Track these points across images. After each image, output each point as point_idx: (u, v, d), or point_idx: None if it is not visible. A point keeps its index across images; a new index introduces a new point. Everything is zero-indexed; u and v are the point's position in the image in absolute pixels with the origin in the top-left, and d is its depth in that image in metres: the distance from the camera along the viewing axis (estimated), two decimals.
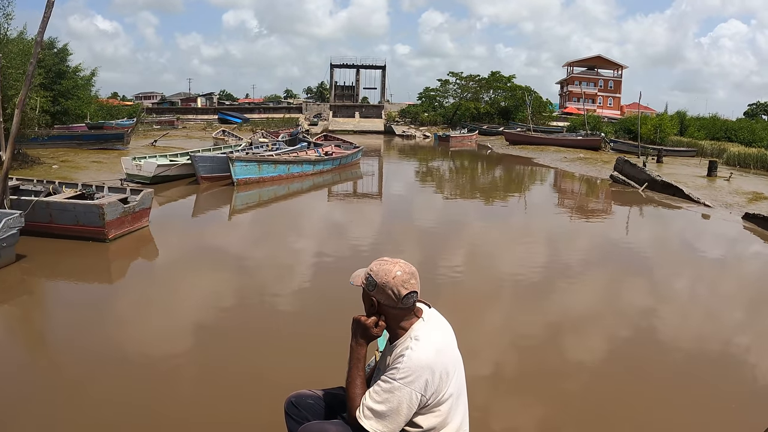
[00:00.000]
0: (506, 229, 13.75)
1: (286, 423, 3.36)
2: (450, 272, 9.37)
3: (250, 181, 18.49)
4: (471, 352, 4.90)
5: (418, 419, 2.96)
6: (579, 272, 9.85)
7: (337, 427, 3.02)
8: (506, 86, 69.37)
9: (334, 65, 78.87)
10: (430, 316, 3.15)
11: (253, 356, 5.96)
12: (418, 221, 14.38)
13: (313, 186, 20.25)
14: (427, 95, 74.60)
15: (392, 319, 3.07)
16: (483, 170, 30.35)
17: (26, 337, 6.70)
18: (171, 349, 6.06)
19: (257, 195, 17.48)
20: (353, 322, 3.12)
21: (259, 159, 19.28)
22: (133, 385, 5.16)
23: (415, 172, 28.44)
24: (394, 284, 2.96)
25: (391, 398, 2.86)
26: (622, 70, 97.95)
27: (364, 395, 2.98)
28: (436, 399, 2.93)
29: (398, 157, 38.53)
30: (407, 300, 2.98)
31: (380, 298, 3.01)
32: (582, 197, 20.75)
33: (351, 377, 3.06)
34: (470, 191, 21.25)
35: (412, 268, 3.06)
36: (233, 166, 17.92)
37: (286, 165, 20.09)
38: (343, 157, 24.52)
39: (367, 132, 62.82)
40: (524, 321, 7.31)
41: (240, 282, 8.69)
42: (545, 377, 5.63)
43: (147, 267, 9.67)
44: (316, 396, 3.41)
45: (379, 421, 2.88)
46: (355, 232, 12.81)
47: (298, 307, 7.62)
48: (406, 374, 2.85)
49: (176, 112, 74.07)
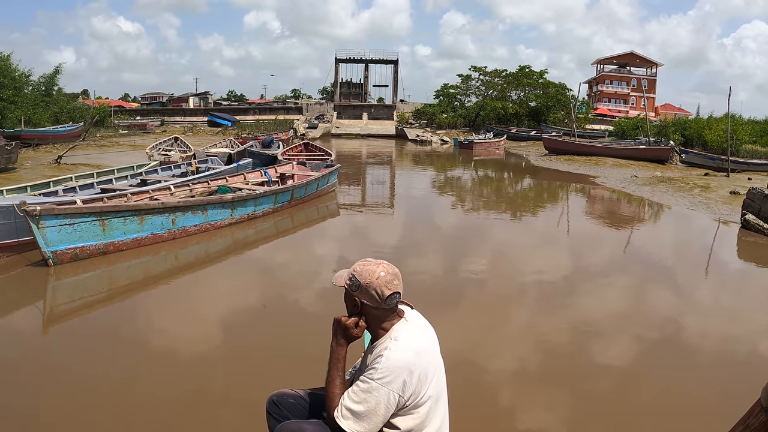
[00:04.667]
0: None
1: (267, 422, 3.38)
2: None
3: (86, 253, 9.60)
4: (495, 353, 6.20)
5: (396, 420, 2.97)
6: None
7: (315, 426, 3.06)
8: (537, 83, 60.22)
9: (340, 59, 71.14)
10: (412, 318, 3.16)
11: (235, 356, 6.14)
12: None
13: (232, 247, 11.44)
14: (445, 93, 65.47)
15: (374, 320, 3.07)
16: (528, 196, 21.36)
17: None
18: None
19: (104, 281, 9.30)
20: (334, 323, 3.14)
21: (100, 209, 9.77)
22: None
23: (433, 201, 19.37)
24: (377, 285, 2.98)
25: (369, 398, 2.86)
26: (656, 67, 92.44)
27: (343, 395, 2.96)
28: (414, 401, 2.94)
29: (411, 169, 31.36)
30: (390, 301, 3.01)
31: (363, 298, 3.02)
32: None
33: (330, 377, 3.06)
34: (542, 256, 11.92)
35: (395, 269, 3.08)
36: (38, 228, 8.98)
37: (166, 215, 10.63)
38: (304, 185, 14.94)
39: (376, 136, 57.16)
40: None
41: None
42: (569, 379, 5.70)
43: None
44: (298, 396, 3.43)
45: (356, 422, 2.88)
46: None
47: (281, 307, 7.97)
48: (384, 374, 2.86)
49: (164, 113, 69.75)
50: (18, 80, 35.93)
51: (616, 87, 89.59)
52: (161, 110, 73.14)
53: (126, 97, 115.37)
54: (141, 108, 77.64)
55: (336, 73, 71.73)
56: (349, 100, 70.73)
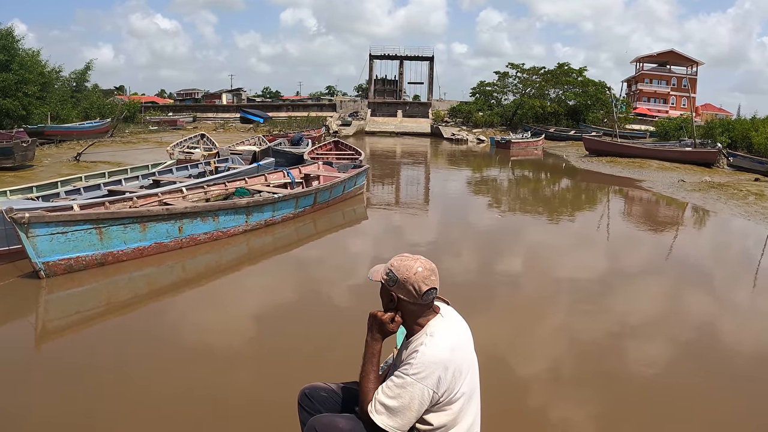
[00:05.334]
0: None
1: (299, 414, 3.38)
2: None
3: (81, 264, 8.64)
4: (527, 352, 6.11)
5: (429, 417, 2.95)
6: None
7: (348, 420, 3.05)
8: (576, 81, 58.53)
9: (374, 56, 69.72)
10: (448, 314, 3.15)
11: (267, 348, 6.29)
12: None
13: (246, 256, 10.46)
14: (481, 91, 63.96)
15: (410, 315, 3.07)
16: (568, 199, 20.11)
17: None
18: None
19: (102, 295, 8.39)
20: (369, 317, 3.14)
21: (96, 216, 8.76)
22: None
23: (469, 202, 18.36)
24: (415, 280, 2.97)
25: (403, 393, 2.86)
26: (697, 66, 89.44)
27: (376, 390, 2.96)
28: (448, 397, 2.92)
29: (446, 169, 29.65)
30: (427, 296, 2.99)
31: (400, 293, 3.01)
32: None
33: (365, 372, 3.06)
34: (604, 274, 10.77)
35: (433, 264, 3.07)
36: (27, 236, 8.04)
37: (172, 222, 9.61)
38: (329, 188, 13.79)
39: (411, 134, 55.73)
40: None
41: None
42: (601, 381, 5.66)
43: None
44: (330, 389, 3.42)
45: (390, 417, 2.88)
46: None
47: (316, 301, 7.96)
48: (418, 370, 2.85)
49: (196, 110, 70.18)
50: (47, 76, 35.58)
51: (656, 86, 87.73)
52: (193, 106, 73.12)
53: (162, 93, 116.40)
54: (173, 104, 77.40)
55: (370, 69, 70.44)
56: (384, 98, 69.39)
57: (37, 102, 32.48)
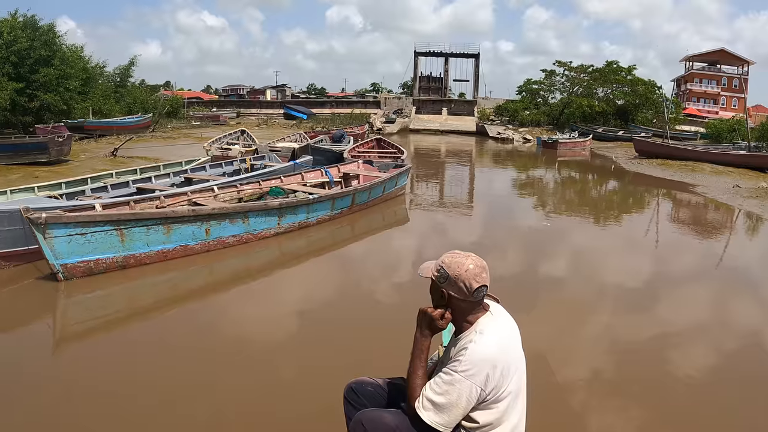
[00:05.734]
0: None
1: (344, 408, 3.39)
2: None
3: (101, 267, 8.15)
4: (569, 355, 6.01)
5: (475, 414, 2.96)
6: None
7: (394, 416, 3.06)
8: (626, 79, 57.02)
9: (419, 53, 69.29)
10: (497, 312, 3.16)
11: (315, 342, 6.24)
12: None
13: (278, 260, 9.93)
14: (528, 89, 62.76)
15: (459, 312, 3.06)
16: (616, 202, 19.18)
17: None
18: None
19: (123, 299, 7.89)
20: (419, 313, 3.14)
21: (117, 217, 8.25)
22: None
23: (514, 203, 17.55)
24: (466, 277, 2.97)
25: (451, 390, 2.86)
26: (748, 66, 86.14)
27: (424, 386, 2.98)
28: (495, 395, 2.92)
29: (491, 168, 29.36)
30: (478, 293, 2.99)
31: (451, 290, 3.01)
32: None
33: (413, 368, 3.06)
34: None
35: (484, 262, 3.07)
36: (45, 238, 7.60)
37: (198, 223, 9.04)
38: (368, 189, 13.13)
39: (456, 132, 55.00)
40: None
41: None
42: (643, 387, 5.48)
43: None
44: (376, 384, 3.43)
45: (437, 413, 2.89)
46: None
47: (354, 302, 7.84)
48: (467, 367, 2.85)
49: (240, 105, 70.04)
50: (90, 71, 35.78)
51: (706, 86, 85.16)
52: (237, 102, 73.25)
53: (208, 88, 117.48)
54: (218, 100, 77.62)
55: (415, 66, 69.88)
56: (429, 95, 68.68)
57: (79, 97, 32.54)
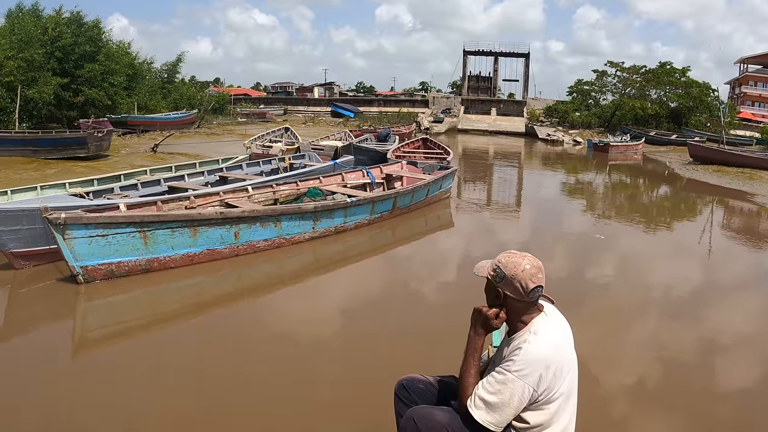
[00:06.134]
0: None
1: (395, 405, 3.42)
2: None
3: (123, 270, 7.77)
4: (613, 362, 5.85)
5: (526, 415, 2.95)
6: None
7: (446, 413, 3.05)
8: (679, 81, 55.30)
9: (468, 51, 68.31)
10: (551, 312, 3.14)
11: (360, 342, 6.24)
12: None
13: (312, 266, 9.45)
14: (579, 90, 61.39)
15: (514, 312, 3.06)
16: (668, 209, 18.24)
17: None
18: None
19: (146, 305, 7.55)
20: (474, 312, 3.15)
21: (140, 219, 7.79)
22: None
23: (562, 207, 16.98)
24: (522, 277, 2.96)
25: (504, 390, 2.87)
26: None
27: (476, 385, 2.99)
28: (546, 396, 2.90)
29: (540, 171, 28.35)
30: (534, 294, 2.99)
31: (507, 290, 3.01)
32: None
33: (466, 366, 3.07)
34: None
35: (540, 262, 3.06)
36: (64, 238, 7.25)
37: (227, 226, 8.54)
38: (410, 192, 12.42)
39: (504, 133, 54.13)
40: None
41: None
42: (687, 397, 5.41)
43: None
44: (427, 381, 3.44)
45: (488, 412, 2.90)
46: None
47: (415, 295, 8.00)
48: (521, 367, 2.85)
49: (287, 103, 70.33)
50: (137, 67, 36.19)
51: (761, 89, 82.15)
52: (285, 99, 73.51)
53: (257, 86, 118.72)
54: (265, 97, 77.93)
55: (464, 65, 68.90)
56: (477, 95, 67.61)
57: (124, 92, 33.05)
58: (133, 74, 34.87)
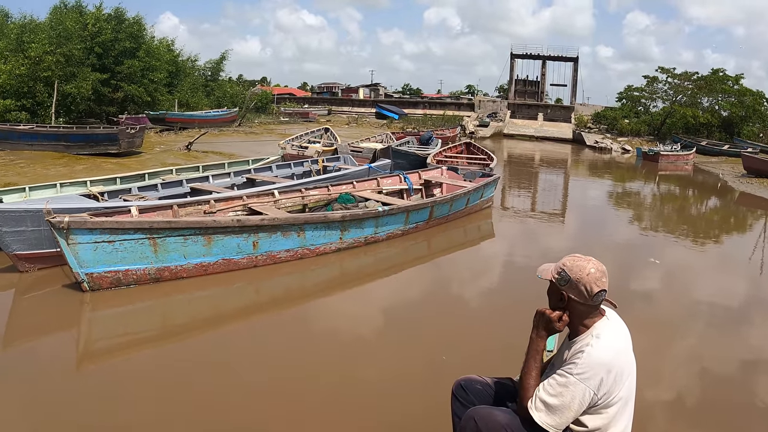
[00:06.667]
0: None
1: (452, 404, 3.46)
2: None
3: (131, 279, 7.30)
4: (652, 376, 5.58)
5: (585, 418, 2.98)
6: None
7: (505, 414, 3.09)
8: (732, 89, 53.55)
9: (515, 55, 67.14)
10: (612, 317, 3.16)
11: (425, 340, 6.28)
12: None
13: (339, 280, 8.81)
14: (628, 96, 59.89)
15: (577, 316, 3.10)
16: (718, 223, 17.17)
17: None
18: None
19: (156, 316, 7.13)
20: (537, 314, 3.17)
21: (150, 225, 7.21)
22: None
23: (608, 218, 16.22)
24: (587, 281, 3.00)
25: (565, 392, 2.89)
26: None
27: (537, 387, 3.01)
28: (606, 400, 2.94)
29: (587, 179, 27.47)
30: (597, 298, 3.02)
31: (571, 293, 3.04)
32: None
33: (527, 368, 3.10)
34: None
35: (604, 266, 3.09)
36: (68, 243, 6.80)
37: (245, 235, 7.93)
38: (449, 201, 11.63)
39: (551, 139, 52.85)
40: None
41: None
42: (731, 413, 5.32)
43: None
44: (484, 382, 3.48)
45: (549, 414, 2.92)
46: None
47: (474, 298, 8.05)
48: (583, 370, 2.88)
49: (332, 103, 70.80)
50: (180, 65, 36.34)
51: None
52: (329, 99, 73.63)
53: (304, 85, 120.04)
54: (310, 96, 78.02)
55: (511, 69, 67.77)
56: (524, 99, 66.56)
57: (165, 89, 33.23)
58: (175, 71, 34.92)
